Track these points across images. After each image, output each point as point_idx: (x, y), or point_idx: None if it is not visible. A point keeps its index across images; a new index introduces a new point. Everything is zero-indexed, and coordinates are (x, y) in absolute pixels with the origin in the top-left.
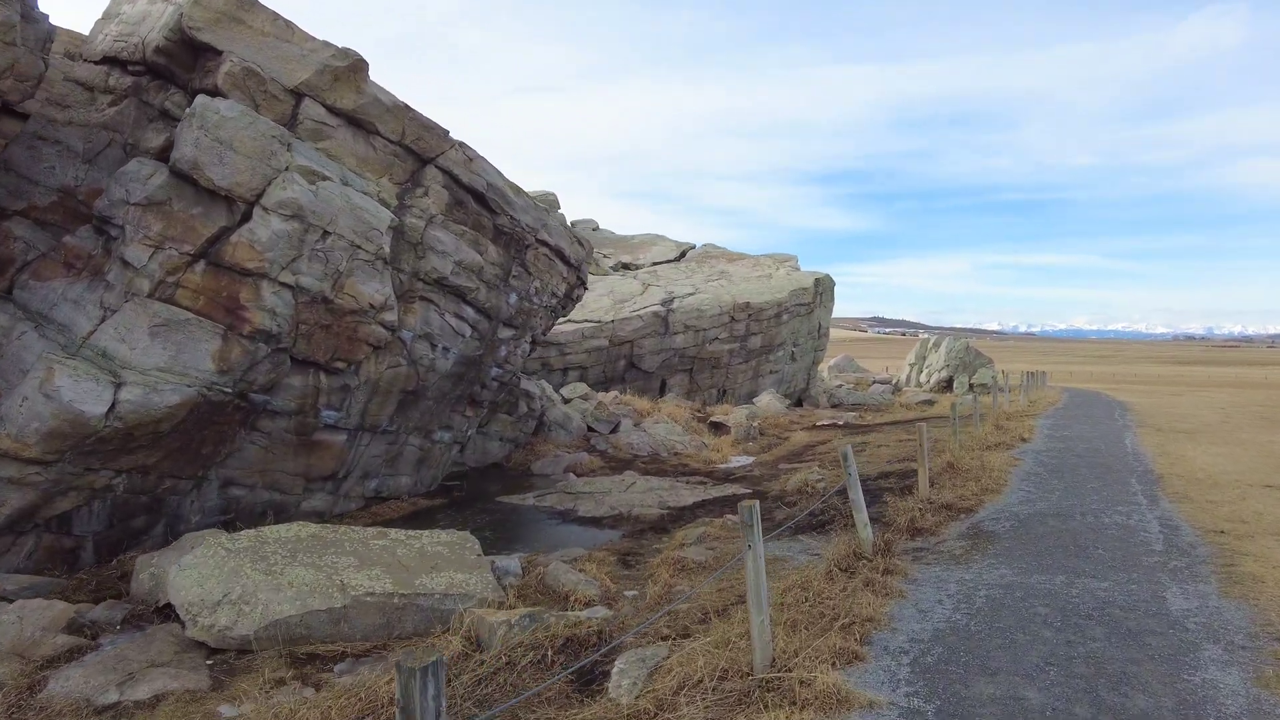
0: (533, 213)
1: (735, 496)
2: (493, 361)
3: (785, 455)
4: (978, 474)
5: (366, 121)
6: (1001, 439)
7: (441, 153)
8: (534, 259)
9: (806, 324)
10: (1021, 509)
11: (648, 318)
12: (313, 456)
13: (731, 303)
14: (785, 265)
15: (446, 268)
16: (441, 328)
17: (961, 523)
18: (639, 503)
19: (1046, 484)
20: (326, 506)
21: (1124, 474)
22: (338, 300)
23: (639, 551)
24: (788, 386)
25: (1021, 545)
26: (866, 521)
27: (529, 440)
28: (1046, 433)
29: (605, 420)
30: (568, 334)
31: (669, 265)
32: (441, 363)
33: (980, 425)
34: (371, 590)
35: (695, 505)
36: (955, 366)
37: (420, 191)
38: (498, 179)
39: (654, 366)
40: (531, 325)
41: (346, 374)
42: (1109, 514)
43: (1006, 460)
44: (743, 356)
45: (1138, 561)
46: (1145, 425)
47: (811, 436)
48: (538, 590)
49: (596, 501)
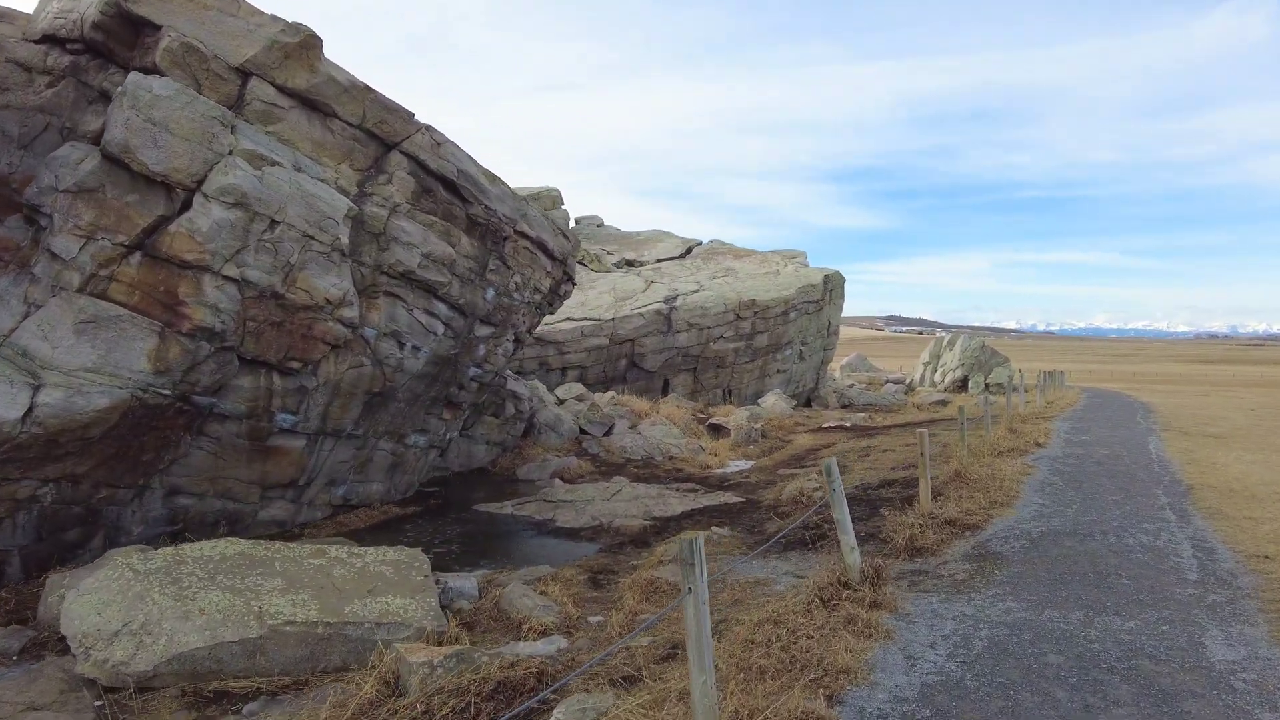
0: (510, 202)
1: (726, 506)
2: (470, 361)
3: (786, 460)
4: (987, 484)
5: (322, 103)
6: (1015, 444)
7: (406, 137)
8: (513, 252)
9: (815, 322)
10: (1034, 526)
11: (650, 316)
12: (269, 463)
13: (737, 300)
14: (794, 262)
15: (413, 260)
16: (410, 325)
17: (966, 541)
18: (622, 513)
19: (1063, 496)
20: (288, 516)
21: (1149, 484)
22: (290, 295)
23: (613, 569)
24: (796, 386)
25: (1033, 570)
26: (854, 545)
27: (517, 443)
28: (1064, 437)
29: (598, 422)
30: (566, 332)
31: (673, 262)
32: (411, 362)
33: (992, 429)
34: (293, 618)
35: (682, 516)
36: (970, 366)
37: (383, 179)
38: (470, 165)
39: (656, 366)
40: (513, 323)
41: (303, 375)
42: (1133, 533)
43: (1019, 468)
44: (748, 355)
45: (1169, 594)
46: (1170, 428)
47: (816, 439)
48: (491, 616)
49: (577, 511)
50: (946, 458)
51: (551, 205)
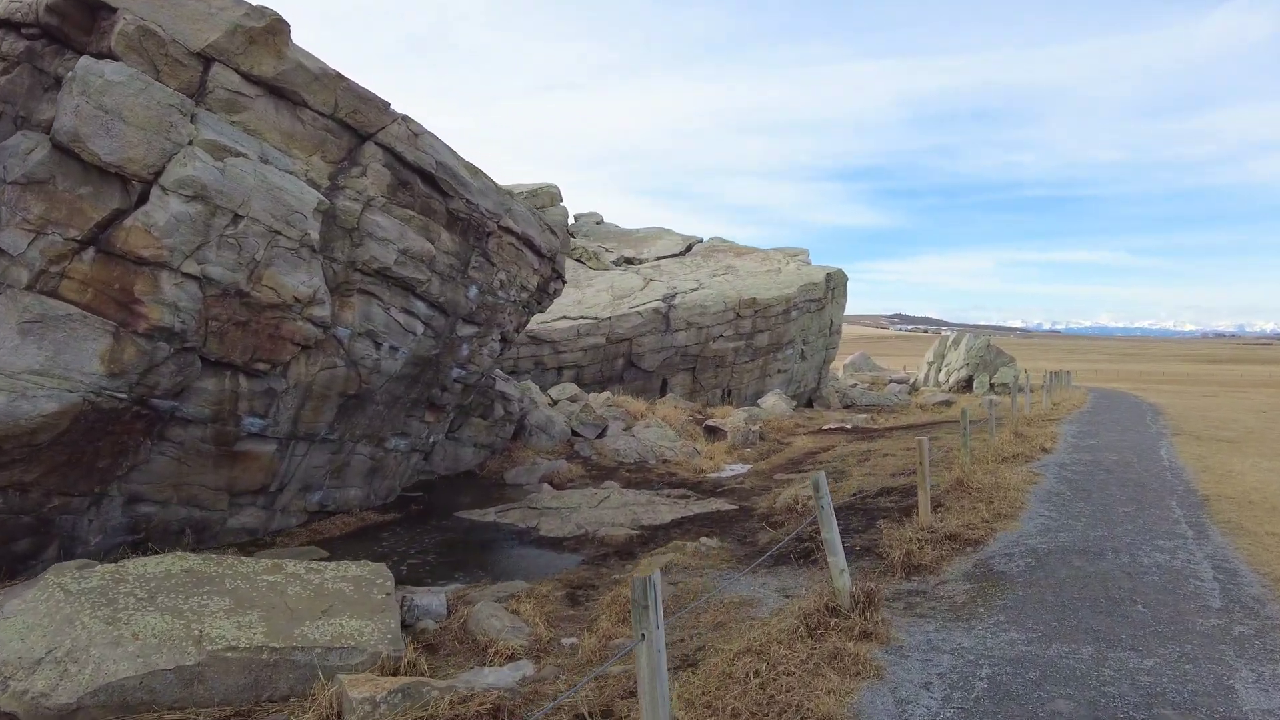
0: (493, 197)
1: (717, 514)
2: (453, 362)
3: (783, 463)
4: (990, 494)
5: (291, 91)
6: (1020, 449)
7: (382, 128)
8: (497, 248)
9: (817, 321)
10: (1040, 541)
11: (648, 314)
12: (236, 468)
13: (737, 299)
14: (795, 259)
15: (389, 257)
16: (387, 324)
17: (967, 558)
18: (609, 521)
19: (1070, 507)
20: (259, 523)
21: (1162, 494)
22: (255, 293)
23: (594, 583)
24: (797, 386)
25: (1039, 594)
26: (843, 567)
27: (507, 446)
28: (1071, 441)
29: (591, 424)
30: (562, 331)
31: (673, 260)
32: (389, 363)
33: (996, 433)
34: (236, 643)
35: (672, 524)
36: (975, 365)
37: (357, 171)
38: (449, 157)
39: (654, 366)
40: (499, 322)
41: (271, 377)
42: (1147, 551)
43: (1024, 476)
44: (749, 355)
45: (1190, 625)
46: (1181, 432)
47: (815, 442)
48: (456, 638)
49: (562, 519)
50: (949, 464)
51: (550, 202)
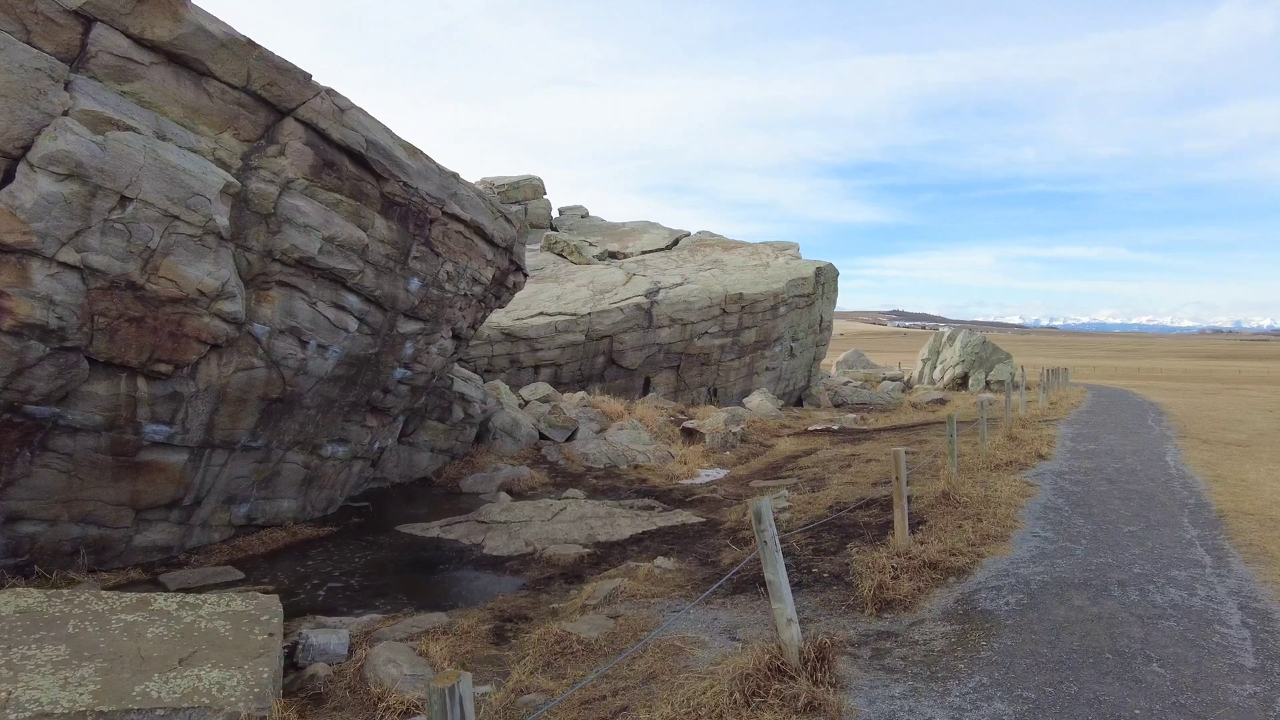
0: (436, 180)
1: (682, 528)
2: (396, 361)
3: (763, 469)
4: (979, 509)
5: (193, 59)
6: (1014, 455)
7: (303, 102)
8: (442, 237)
9: (806, 317)
10: (1034, 571)
11: (629, 310)
12: (140, 481)
13: (723, 294)
14: (785, 254)
15: (312, 245)
16: (314, 320)
17: (949, 591)
18: (562, 537)
19: (1069, 527)
20: (173, 540)
21: (1172, 509)
22: (151, 286)
23: (529, 614)
24: (786, 384)
25: (1031, 644)
26: (791, 617)
27: (468, 450)
28: (1069, 445)
29: (560, 427)
30: (539, 328)
31: (659, 254)
32: (318, 364)
33: (989, 436)
34: (52, 708)
35: (630, 541)
36: (971, 362)
37: (274, 150)
38: (382, 135)
39: (636, 363)
40: (448, 317)
41: (176, 379)
42: (1160, 584)
43: (1018, 488)
44: (735, 352)
45: (1220, 694)
46: (1187, 435)
47: (799, 444)
48: (349, 687)
49: (511, 534)
50: (936, 472)
51: (533, 195)
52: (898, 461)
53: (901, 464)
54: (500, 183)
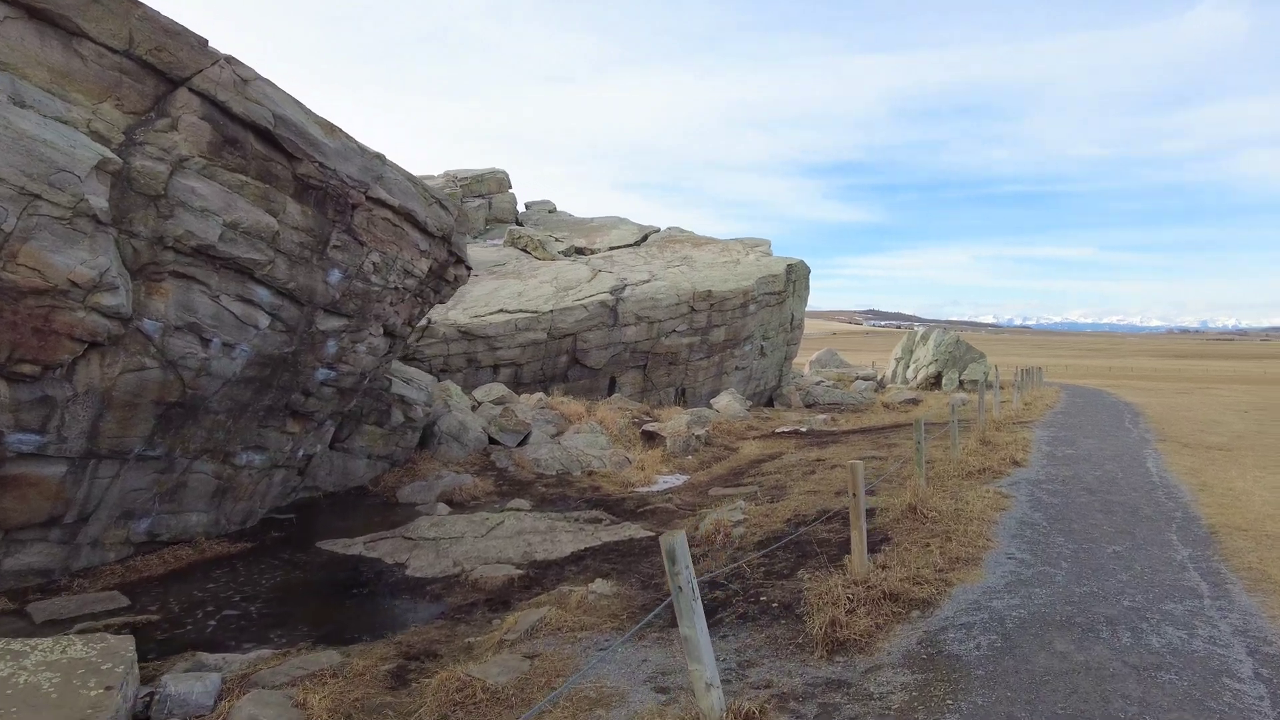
0: (357, 161)
1: (628, 544)
2: (317, 361)
3: (725, 474)
4: (949, 525)
5: (59, 16)
6: (987, 461)
7: (198, 71)
8: (366, 224)
9: (777, 315)
10: (1010, 604)
11: (593, 307)
12: (7, 498)
13: (691, 291)
14: (756, 250)
15: (212, 232)
16: (216, 316)
17: (912, 628)
18: (495, 555)
19: (1047, 547)
20: (53, 562)
21: (1159, 524)
22: (9, 275)
23: (440, 650)
24: (757, 384)
25: (1006, 704)
26: (712, 681)
27: (410, 457)
28: (1045, 450)
29: (512, 430)
30: (498, 326)
31: (627, 250)
32: (224, 364)
33: (961, 439)
34: None
35: (569, 560)
36: (944, 361)
37: (164, 124)
38: (294, 111)
39: (601, 363)
40: (378, 313)
41: (47, 382)
42: (1154, 621)
43: (991, 500)
44: (704, 351)
45: None
46: (1167, 438)
47: (764, 448)
48: None
49: (439, 552)
50: (899, 483)
51: (497, 188)
52: (855, 476)
53: (859, 479)
54: (463, 175)
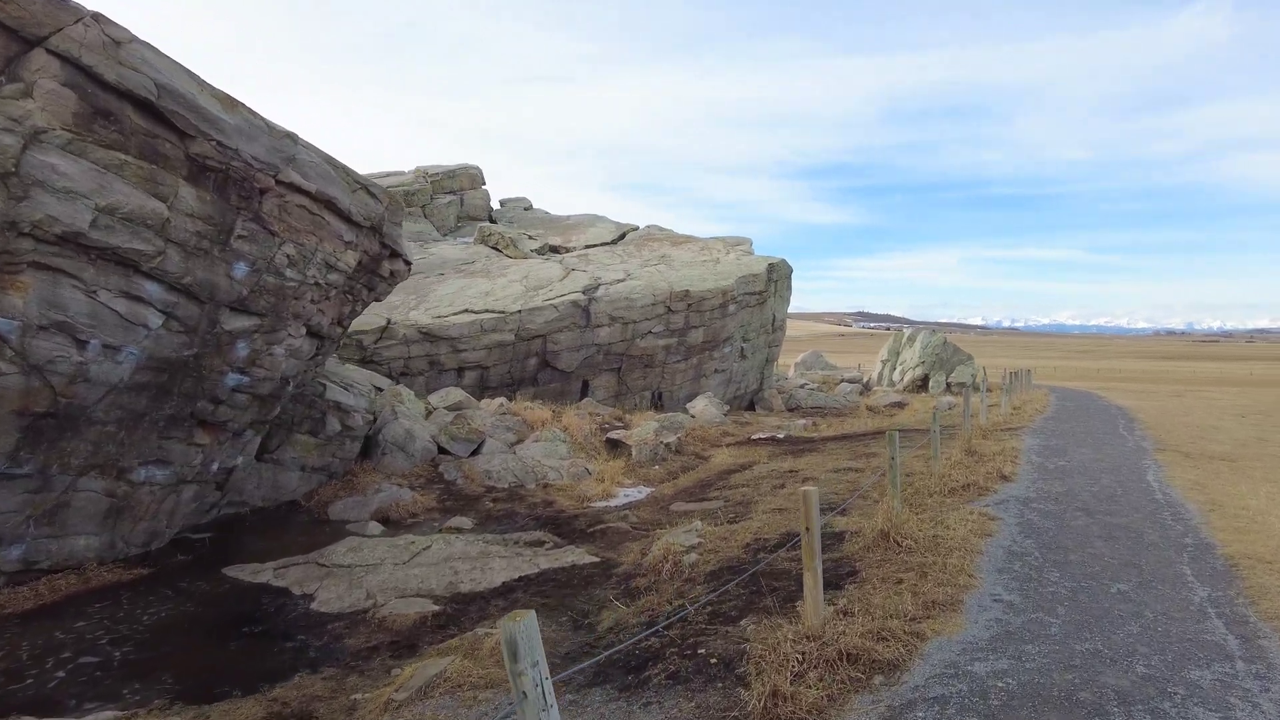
0: (264, 140)
1: (569, 572)
2: (225, 365)
3: (691, 487)
4: (925, 556)
5: None
6: (972, 475)
7: (57, 29)
8: (278, 212)
9: (758, 316)
10: (994, 670)
11: (564, 308)
12: None
13: (668, 291)
14: (737, 250)
15: (81, 217)
16: (94, 314)
17: (874, 701)
18: (415, 585)
19: (1040, 585)
20: None
21: (1168, 554)
22: None
23: (314, 713)
24: (737, 387)
25: None
26: None
27: (350, 468)
28: (1036, 461)
29: (464, 439)
30: (461, 327)
31: (603, 249)
32: (107, 369)
33: (944, 449)
34: None
35: (499, 591)
36: (932, 363)
37: (14, 89)
38: (182, 81)
39: (573, 365)
40: (299, 312)
41: None
42: (1179, 700)
43: (976, 522)
44: (681, 353)
45: None
46: (1166, 446)
47: (737, 456)
48: None
49: (353, 582)
50: (880, 497)
51: (470, 184)
52: (808, 507)
53: (814, 510)
54: (434, 171)
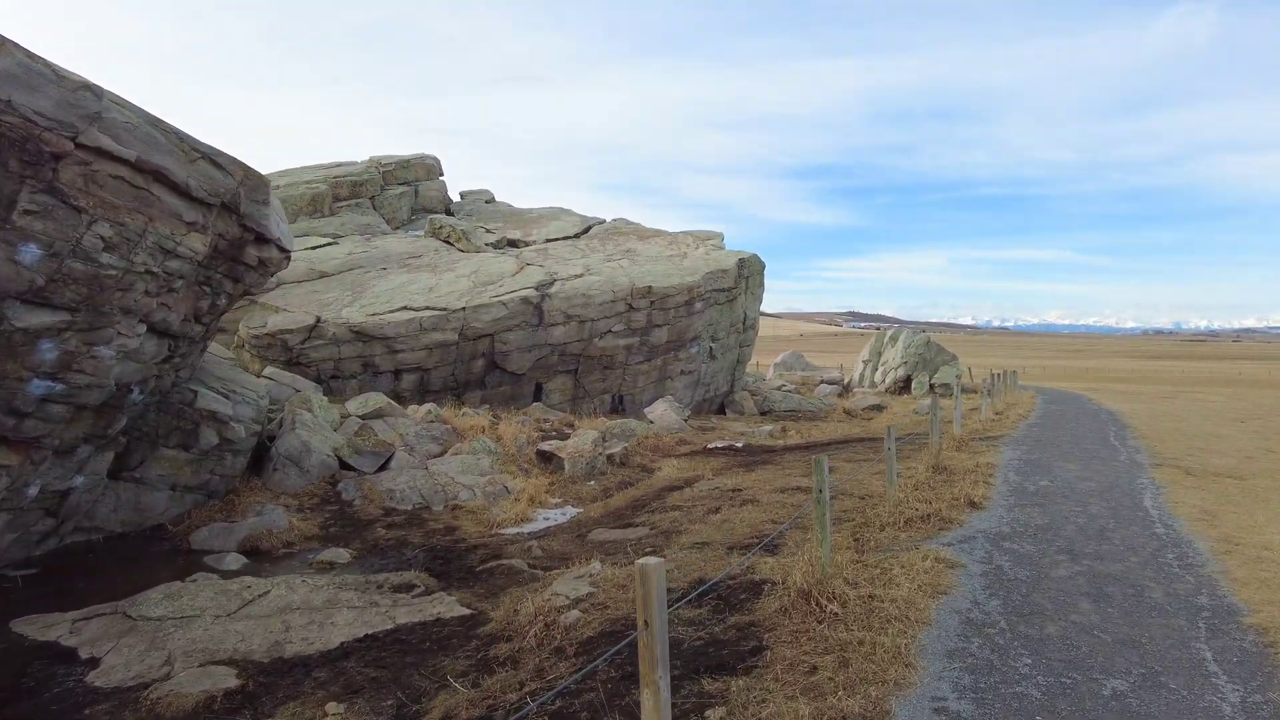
0: (53, 93)
1: (425, 630)
2: (25, 370)
3: (622, 508)
4: (850, 633)
5: None
6: (935, 502)
7: None
8: (84, 183)
9: (728, 314)
10: None
11: (514, 305)
12: None
13: (629, 287)
14: (706, 244)
15: None
16: None
17: None
18: (232, 646)
19: (1003, 683)
20: None
21: (1178, 623)
22: None
23: None
24: (706, 390)
25: None
26: None
27: (234, 487)
28: (1013, 481)
29: (371, 452)
30: (398, 325)
31: (565, 242)
32: None
33: (899, 477)
34: None
35: (328, 657)
36: (914, 364)
37: None
38: None
39: (524, 367)
40: (129, 306)
41: None
42: None
43: (927, 575)
44: (644, 354)
45: None
46: (1163, 460)
47: (684, 470)
48: None
49: (154, 641)
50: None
51: (426, 175)
52: (646, 591)
53: (655, 597)
54: (388, 161)
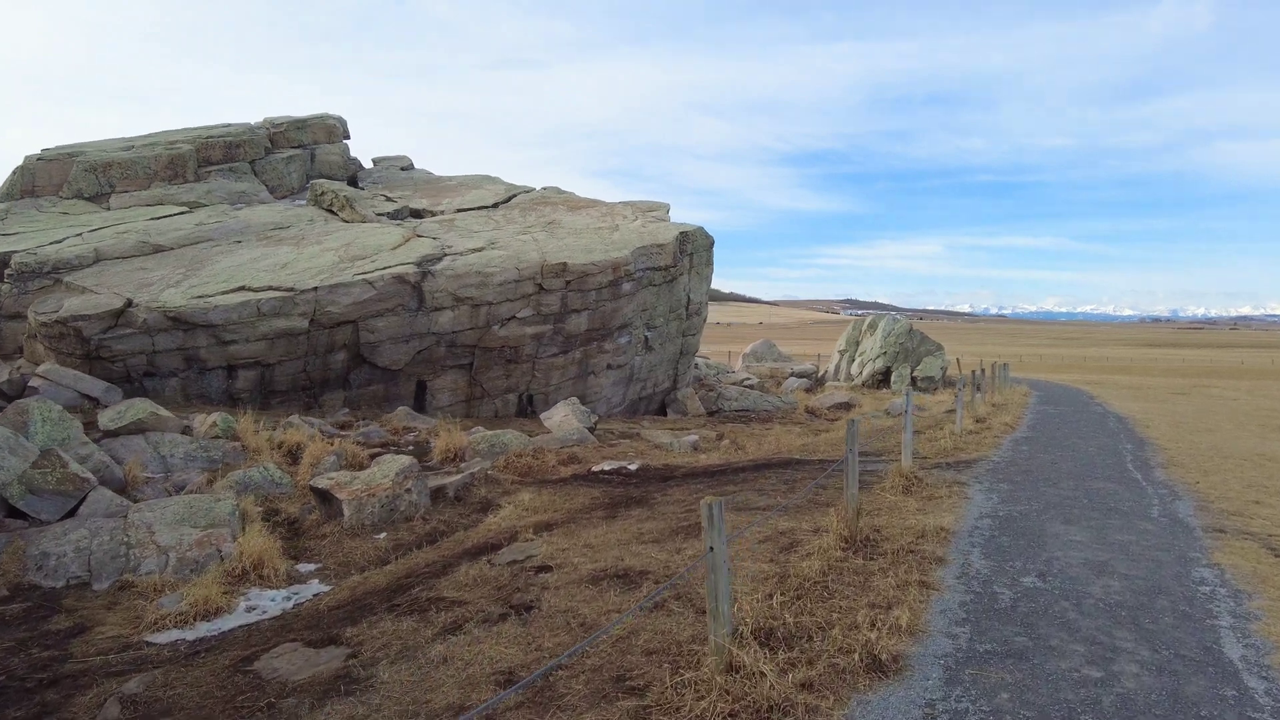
0: None
1: None
2: None
3: (368, 595)
4: None
5: None
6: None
7: None
8: None
9: (666, 297)
10: None
11: (385, 285)
12: None
13: (539, 264)
14: (647, 216)
15: None
16: None
17: None
18: None
19: None
20: None
21: None
22: None
23: None
24: (642, 386)
25: None
26: None
27: None
28: (975, 575)
29: (53, 492)
30: (228, 309)
31: (479, 213)
32: None
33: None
34: None
35: None
36: (894, 354)
37: None
38: None
39: (400, 362)
40: None
41: None
42: None
43: None
44: (558, 345)
45: None
46: (1220, 518)
47: (525, 515)
48: None
49: None
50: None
51: (326, 137)
52: None
53: None
54: (280, 121)
